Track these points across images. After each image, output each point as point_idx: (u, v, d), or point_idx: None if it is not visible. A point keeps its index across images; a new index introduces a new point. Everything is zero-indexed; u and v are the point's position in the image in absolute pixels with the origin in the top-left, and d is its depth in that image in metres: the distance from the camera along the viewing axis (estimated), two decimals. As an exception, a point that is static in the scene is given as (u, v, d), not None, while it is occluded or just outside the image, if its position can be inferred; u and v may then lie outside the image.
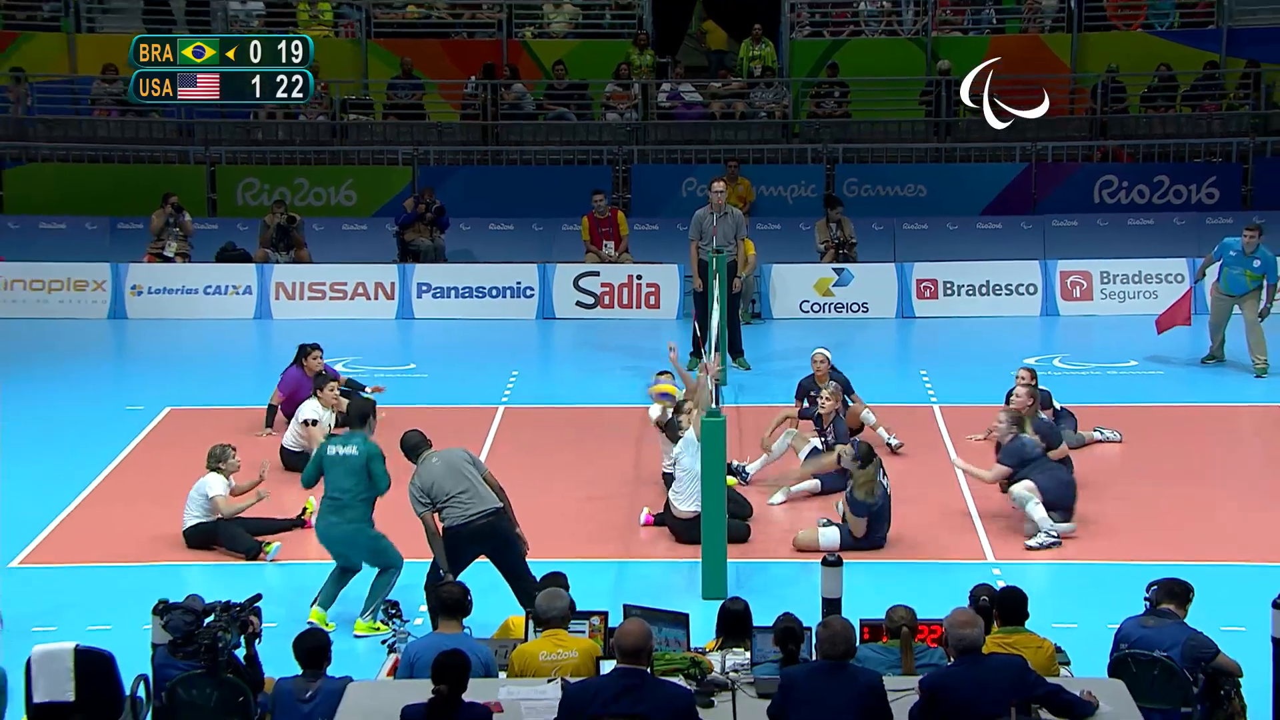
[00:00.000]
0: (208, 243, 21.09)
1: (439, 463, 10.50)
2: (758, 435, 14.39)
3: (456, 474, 10.41)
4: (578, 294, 20.18)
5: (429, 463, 10.52)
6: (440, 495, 10.37)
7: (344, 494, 10.85)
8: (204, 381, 17.35)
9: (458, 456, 10.57)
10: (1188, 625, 8.57)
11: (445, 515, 10.42)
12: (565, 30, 24.32)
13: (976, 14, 23.97)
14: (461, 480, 10.39)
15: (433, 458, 10.56)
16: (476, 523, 10.36)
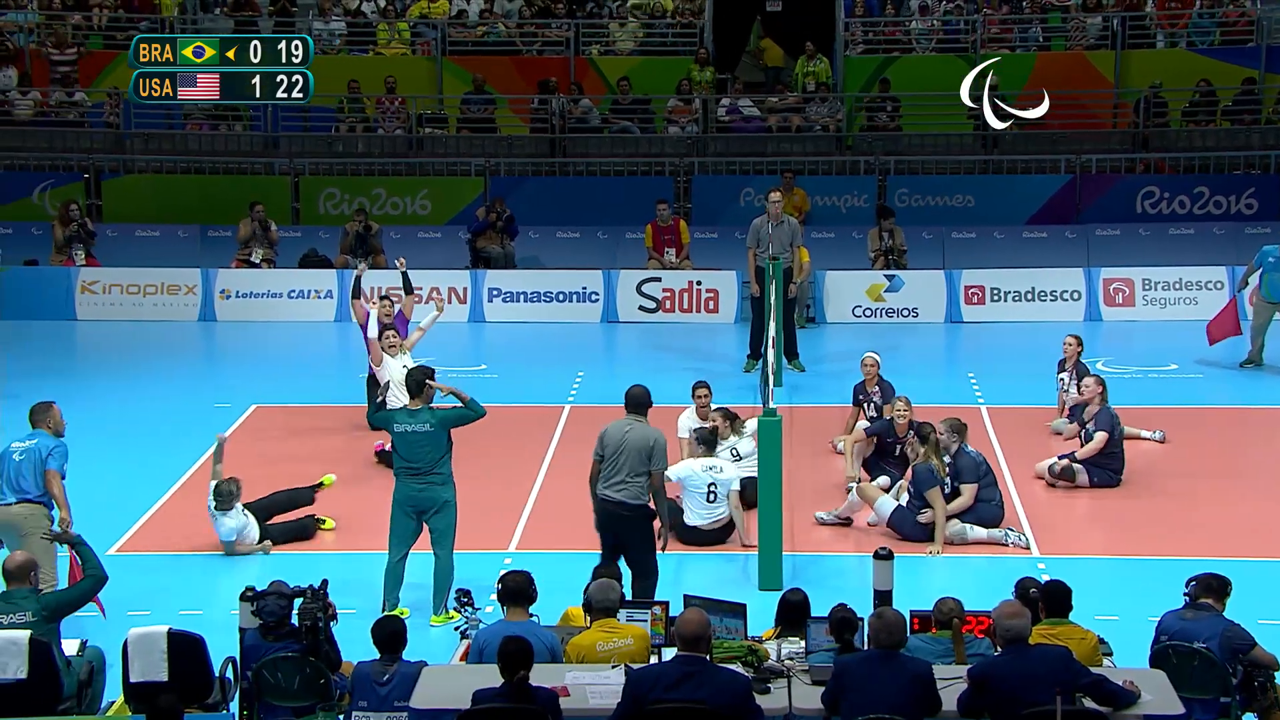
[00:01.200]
0: (291, 249, 21.38)
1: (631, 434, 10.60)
2: (812, 434, 14.50)
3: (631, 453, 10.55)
4: (640, 299, 20.41)
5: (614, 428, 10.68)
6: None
7: (421, 463, 10.80)
8: (287, 380, 17.63)
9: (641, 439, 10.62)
10: (1225, 618, 8.68)
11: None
12: (630, 48, 24.61)
13: (1024, 31, 24.16)
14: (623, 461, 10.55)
15: (626, 426, 10.64)
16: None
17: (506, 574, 9.03)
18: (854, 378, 14.80)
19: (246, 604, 8.82)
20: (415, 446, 10.89)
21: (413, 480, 10.94)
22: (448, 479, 10.99)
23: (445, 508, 10.97)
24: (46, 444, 10.77)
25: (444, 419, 10.94)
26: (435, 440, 10.87)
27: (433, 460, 10.88)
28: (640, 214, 21.44)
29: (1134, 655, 8.93)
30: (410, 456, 10.90)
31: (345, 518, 12.93)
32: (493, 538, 12.57)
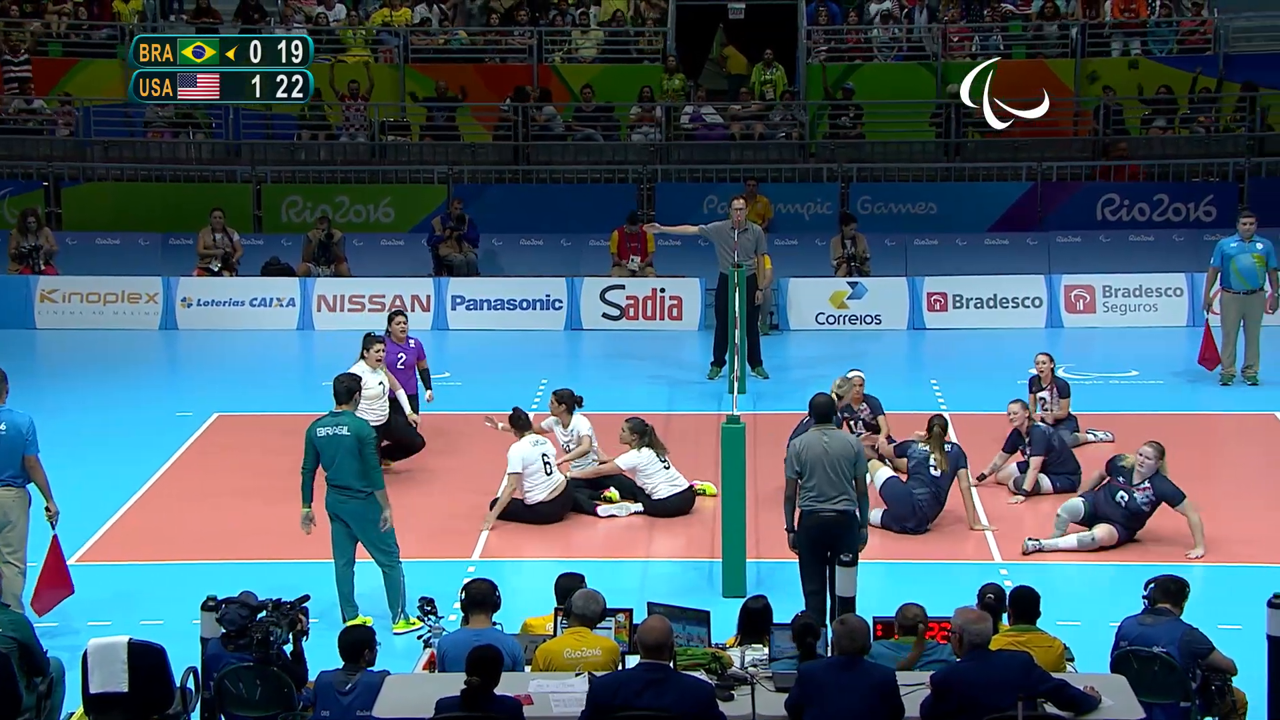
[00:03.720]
0: (253, 257, 21.35)
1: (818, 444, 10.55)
2: (776, 441, 14.11)
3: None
4: (604, 306, 20.47)
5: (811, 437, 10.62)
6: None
7: (336, 471, 10.73)
8: (250, 389, 17.57)
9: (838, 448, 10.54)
10: (1183, 622, 8.69)
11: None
12: (593, 55, 24.66)
13: (985, 40, 24.36)
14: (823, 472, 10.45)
15: (823, 437, 10.59)
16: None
17: (471, 581, 9.03)
18: (818, 385, 14.70)
19: (209, 613, 8.79)
20: (331, 452, 10.81)
21: (333, 490, 10.91)
22: (369, 495, 10.83)
23: (367, 523, 10.87)
24: (18, 422, 10.46)
25: (362, 435, 10.80)
26: (350, 450, 10.75)
27: (349, 470, 10.77)
28: (603, 221, 21.50)
29: (1095, 660, 8.97)
30: (327, 463, 10.85)
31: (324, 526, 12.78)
32: (456, 546, 12.59)
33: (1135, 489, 12.25)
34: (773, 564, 12.02)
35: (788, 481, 10.63)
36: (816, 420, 10.74)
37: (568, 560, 11.59)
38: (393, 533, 10.97)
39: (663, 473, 13.36)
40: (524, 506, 13.10)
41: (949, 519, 13.12)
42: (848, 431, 13.80)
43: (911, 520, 12.83)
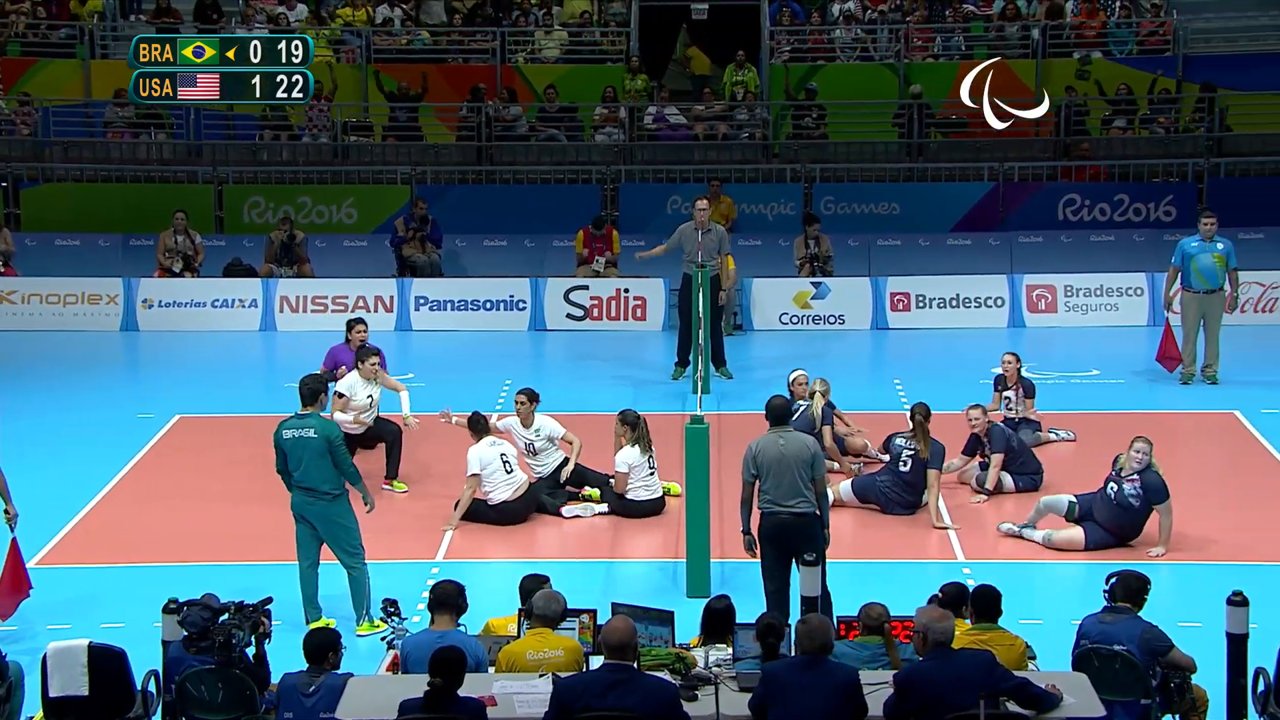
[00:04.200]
0: (215, 258, 21.24)
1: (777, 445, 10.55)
2: (740, 441, 14.26)
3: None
4: (568, 307, 20.43)
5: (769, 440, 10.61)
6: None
7: (303, 473, 10.76)
8: (212, 390, 17.50)
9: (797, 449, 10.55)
10: (1143, 619, 8.76)
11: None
12: (556, 56, 24.65)
13: (947, 40, 24.50)
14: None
15: (780, 439, 10.59)
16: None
17: (438, 583, 9.02)
18: (782, 385, 14.85)
19: (170, 615, 8.77)
20: (298, 454, 10.82)
21: (299, 492, 10.93)
22: (337, 497, 10.88)
23: (333, 525, 10.90)
24: None
25: (330, 436, 10.82)
26: (316, 450, 10.77)
27: (316, 472, 10.79)
28: (567, 221, 21.48)
29: (1057, 658, 9.01)
30: (294, 465, 10.86)
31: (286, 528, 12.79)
32: (420, 548, 12.59)
33: (1124, 480, 12.29)
34: (737, 564, 12.00)
35: (744, 484, 10.68)
36: (773, 423, 10.76)
37: (531, 561, 11.62)
38: (358, 535, 10.97)
39: (646, 476, 13.38)
40: (488, 507, 13.11)
41: (912, 517, 13.24)
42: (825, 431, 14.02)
43: (878, 503, 13.20)
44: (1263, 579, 11.51)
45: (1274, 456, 14.84)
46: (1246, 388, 16.93)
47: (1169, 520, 12.26)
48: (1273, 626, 9.57)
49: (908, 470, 13.20)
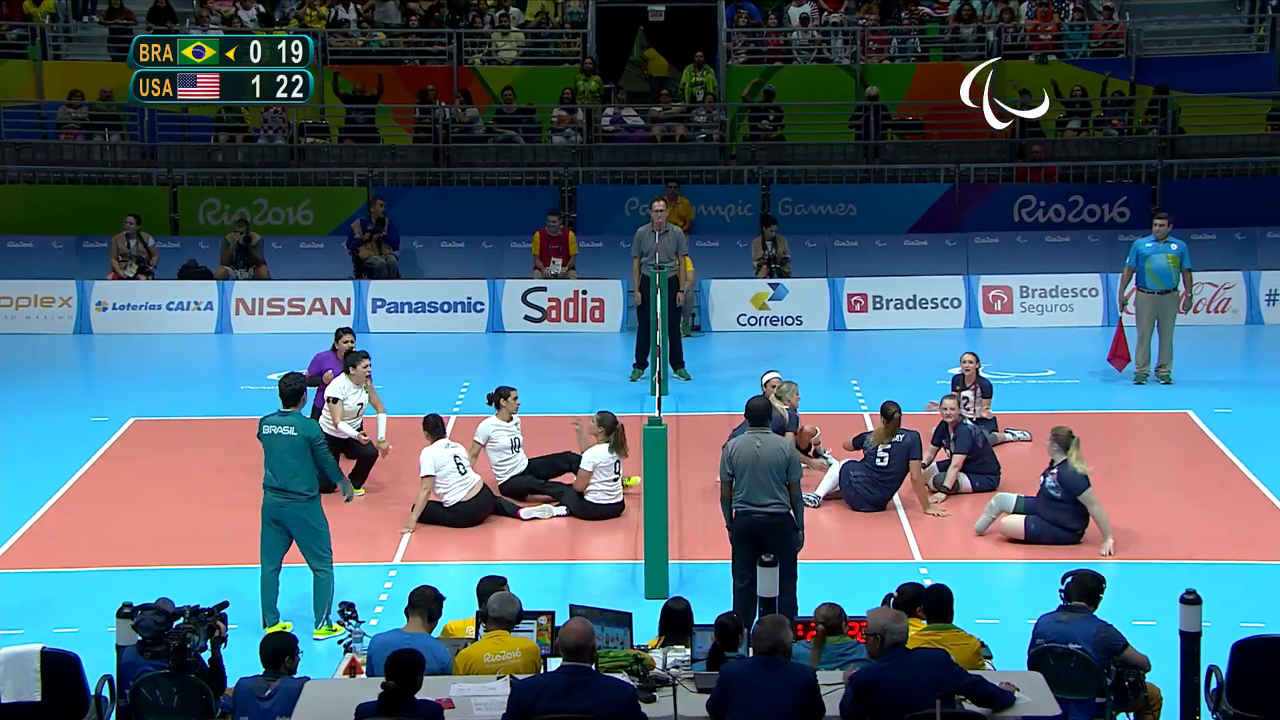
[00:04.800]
0: (170, 261, 21.13)
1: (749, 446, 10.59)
2: (698, 442, 14.54)
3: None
4: (526, 308, 20.43)
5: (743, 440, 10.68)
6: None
7: (280, 470, 10.77)
8: (167, 393, 17.43)
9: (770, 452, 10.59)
10: (1098, 618, 8.82)
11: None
12: (513, 57, 24.62)
13: (903, 43, 24.57)
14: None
15: (756, 441, 10.61)
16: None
17: (420, 586, 9.09)
18: (740, 386, 14.95)
19: (124, 620, 8.71)
20: (276, 451, 10.86)
21: (273, 493, 10.93)
22: (310, 499, 10.90)
23: (306, 527, 10.92)
24: None
25: (310, 436, 10.86)
26: (295, 448, 10.81)
27: (292, 470, 10.81)
28: (525, 223, 21.44)
29: (1013, 658, 9.06)
30: (271, 463, 10.88)
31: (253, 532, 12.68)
32: (377, 550, 12.58)
33: (1048, 474, 12.59)
34: (695, 565, 12.10)
35: (721, 483, 10.77)
36: (751, 423, 10.81)
37: (490, 564, 11.65)
38: (329, 538, 10.99)
39: (609, 480, 13.38)
40: (443, 509, 13.09)
41: (864, 515, 13.34)
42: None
43: (846, 498, 13.36)
44: (1215, 577, 11.65)
45: (1227, 456, 14.95)
46: (1200, 387, 17.08)
47: (1098, 509, 12.39)
48: (1225, 624, 9.71)
49: (885, 464, 13.27)
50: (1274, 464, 14.49)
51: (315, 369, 14.35)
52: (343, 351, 14.33)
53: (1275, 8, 24.56)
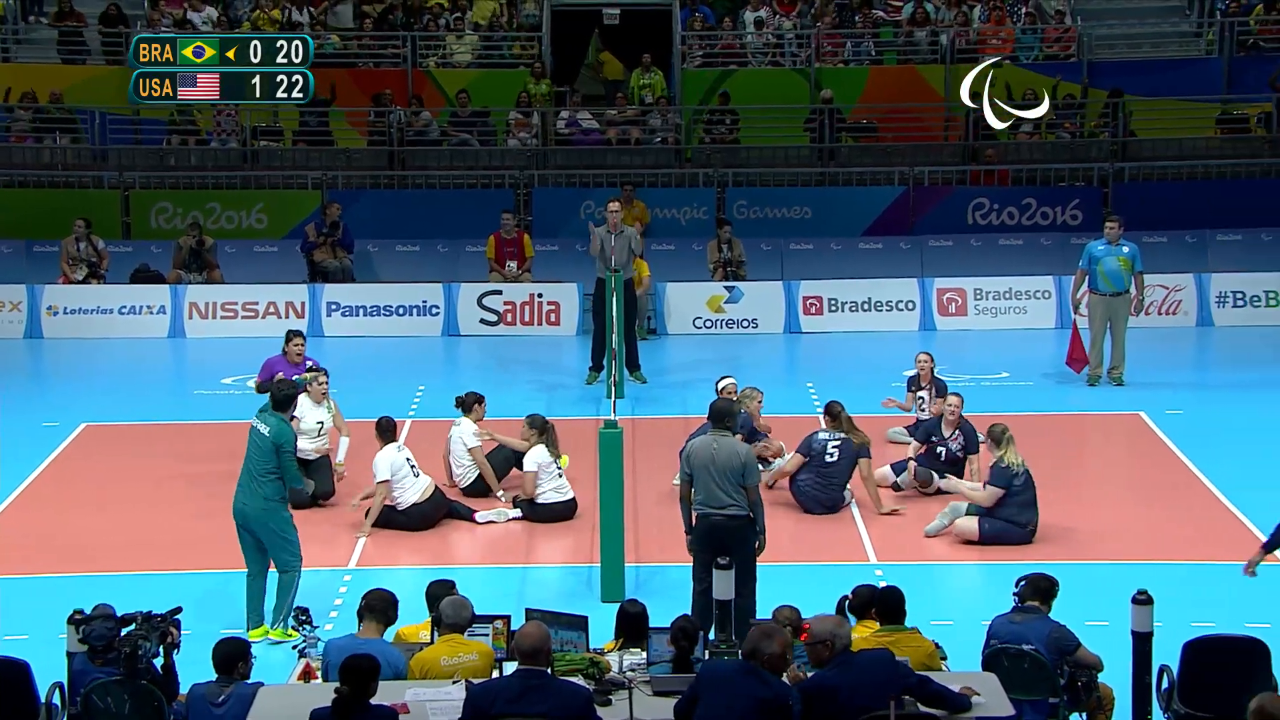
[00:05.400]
0: (122, 265, 21.03)
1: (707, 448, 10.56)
2: (654, 446, 14.59)
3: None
4: (481, 312, 20.38)
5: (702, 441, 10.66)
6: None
7: (255, 467, 10.85)
8: (119, 398, 17.32)
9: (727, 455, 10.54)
10: (1051, 619, 8.87)
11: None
12: (468, 60, 24.56)
13: (857, 46, 24.65)
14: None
15: (713, 443, 10.58)
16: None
17: (372, 590, 9.07)
18: (696, 389, 14.96)
19: (73, 627, 8.65)
20: (251, 446, 10.94)
21: (240, 491, 10.96)
22: (272, 502, 10.89)
23: (264, 528, 10.91)
24: None
25: (280, 441, 10.87)
26: (264, 449, 10.85)
27: (259, 468, 10.84)
28: (480, 226, 21.39)
29: (969, 659, 9.10)
30: (248, 457, 10.95)
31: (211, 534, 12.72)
32: (332, 554, 12.52)
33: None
34: (651, 568, 12.10)
35: (680, 484, 10.79)
36: (713, 424, 10.80)
37: (445, 567, 11.59)
38: (298, 544, 10.98)
39: (554, 479, 13.37)
40: (397, 512, 13.04)
41: (820, 517, 13.35)
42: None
43: (803, 503, 13.39)
44: (1167, 577, 11.72)
45: (1178, 456, 15.06)
46: (1151, 389, 17.19)
47: (976, 467, 13.38)
48: (1177, 624, 9.74)
49: (834, 460, 13.32)
50: (1224, 465, 14.59)
51: (266, 373, 14.25)
52: (293, 356, 14.27)
53: (1224, 12, 24.76)
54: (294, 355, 14.26)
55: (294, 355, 14.26)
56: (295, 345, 14.34)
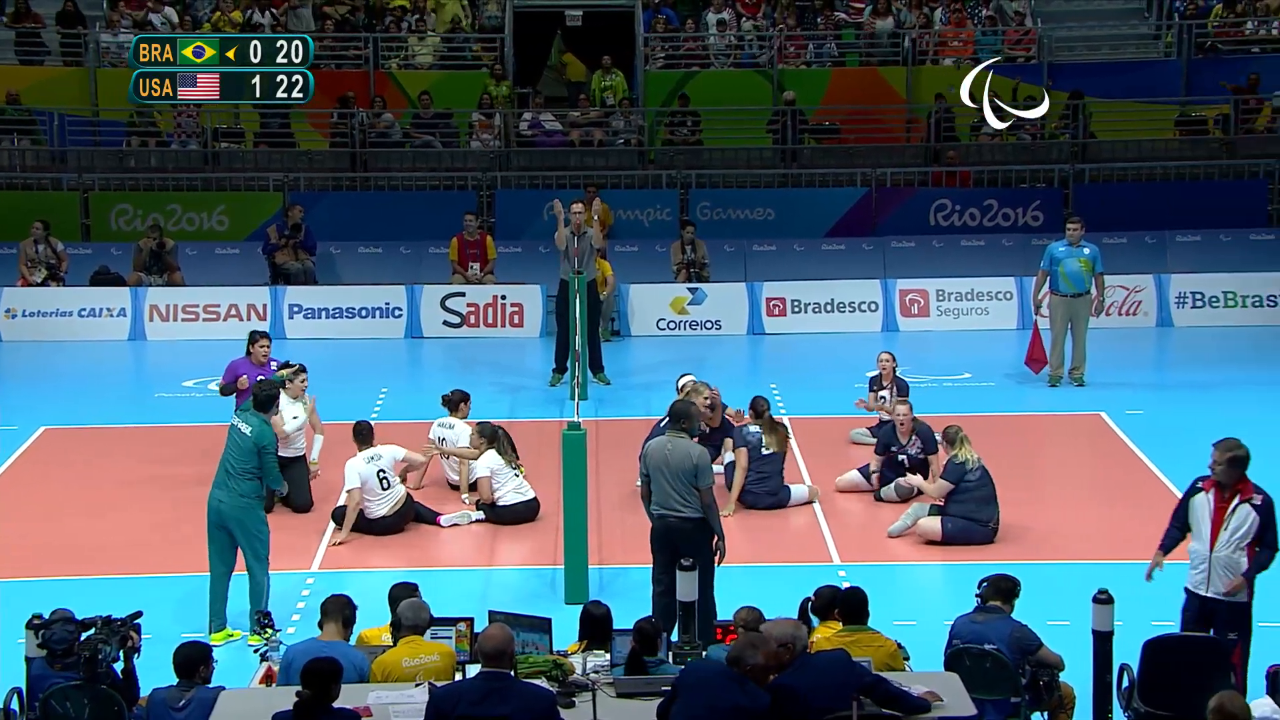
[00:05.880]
0: (81, 267, 20.93)
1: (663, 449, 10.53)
2: (617, 447, 14.55)
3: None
4: (444, 314, 20.35)
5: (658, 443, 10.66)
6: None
7: (233, 465, 10.91)
8: (79, 402, 17.21)
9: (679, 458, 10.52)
10: (1013, 619, 8.92)
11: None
12: (430, 62, 24.52)
13: (819, 48, 24.72)
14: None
15: (668, 444, 10.55)
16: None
17: (332, 595, 9.08)
18: (660, 390, 14.97)
19: (32, 632, 8.61)
20: (231, 444, 11.01)
21: (216, 489, 10.98)
22: (249, 500, 10.94)
23: (242, 527, 10.95)
24: None
25: (262, 443, 10.92)
26: (244, 449, 10.91)
27: (238, 467, 10.88)
28: (443, 228, 21.39)
29: (931, 659, 9.13)
30: (226, 455, 11.00)
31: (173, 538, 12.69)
32: (295, 557, 12.46)
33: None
34: (615, 570, 12.12)
35: (641, 484, 10.81)
36: (670, 424, 10.80)
37: (409, 570, 11.53)
38: (268, 542, 11.00)
39: (511, 480, 13.35)
40: (365, 520, 12.99)
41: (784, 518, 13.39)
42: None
43: (749, 501, 13.46)
44: (1127, 577, 11.53)
45: (1138, 457, 15.14)
46: (1112, 389, 17.26)
47: (938, 466, 13.34)
48: (1137, 623, 9.78)
49: (770, 453, 13.46)
50: (1184, 464, 14.27)
51: (230, 376, 14.21)
52: (257, 357, 14.18)
53: (1182, 15, 24.92)
54: (259, 357, 14.21)
55: (259, 357, 14.21)
56: (261, 346, 14.28)
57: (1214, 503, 9.45)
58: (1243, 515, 9.37)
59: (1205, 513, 9.48)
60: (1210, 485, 9.50)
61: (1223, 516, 9.38)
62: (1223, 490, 9.45)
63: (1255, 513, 9.36)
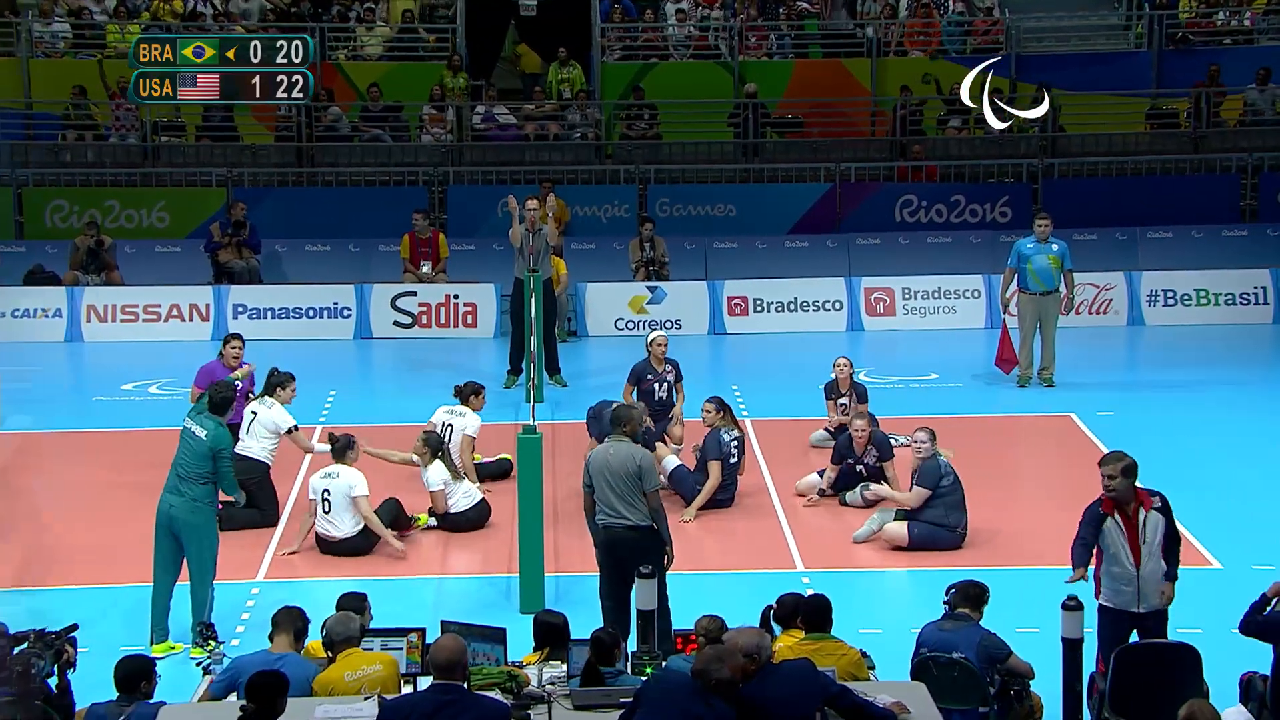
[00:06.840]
0: (15, 266, 20.82)
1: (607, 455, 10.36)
2: (574, 451, 14.38)
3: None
4: (395, 314, 20.25)
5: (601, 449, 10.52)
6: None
7: (185, 469, 10.73)
8: (12, 405, 16.87)
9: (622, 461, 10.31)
10: (981, 627, 8.89)
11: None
12: (379, 53, 24.34)
13: (781, 39, 24.49)
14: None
15: (610, 449, 10.38)
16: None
17: (284, 606, 9.04)
18: (618, 392, 14.93)
19: None
20: (184, 447, 10.84)
21: (168, 493, 10.81)
22: (201, 504, 10.76)
23: (192, 532, 10.75)
24: None
25: (218, 447, 10.73)
26: (199, 453, 10.74)
27: (191, 470, 10.73)
28: (393, 225, 21.20)
29: (897, 668, 9.05)
30: (178, 458, 10.83)
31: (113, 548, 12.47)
32: (240, 567, 12.26)
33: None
34: (571, 578, 11.96)
35: (584, 493, 10.62)
36: (611, 430, 10.65)
37: (358, 579, 11.46)
38: (216, 554, 10.82)
39: (458, 485, 13.18)
40: (319, 538, 12.65)
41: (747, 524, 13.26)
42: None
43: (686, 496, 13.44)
44: (1098, 584, 11.57)
45: (1109, 459, 14.96)
46: (1081, 390, 17.19)
47: (893, 473, 13.40)
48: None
49: (735, 461, 13.42)
50: (1155, 467, 14.23)
51: (204, 380, 13.97)
52: (229, 360, 14.01)
53: (1152, 5, 24.71)
54: (230, 358, 14.03)
55: (230, 358, 14.03)
56: (232, 347, 14.18)
57: (1123, 523, 9.48)
58: (1154, 524, 9.50)
59: (1118, 536, 9.47)
60: (1110, 507, 9.50)
61: (1137, 535, 9.45)
62: (1124, 507, 9.49)
63: (1161, 516, 9.53)
